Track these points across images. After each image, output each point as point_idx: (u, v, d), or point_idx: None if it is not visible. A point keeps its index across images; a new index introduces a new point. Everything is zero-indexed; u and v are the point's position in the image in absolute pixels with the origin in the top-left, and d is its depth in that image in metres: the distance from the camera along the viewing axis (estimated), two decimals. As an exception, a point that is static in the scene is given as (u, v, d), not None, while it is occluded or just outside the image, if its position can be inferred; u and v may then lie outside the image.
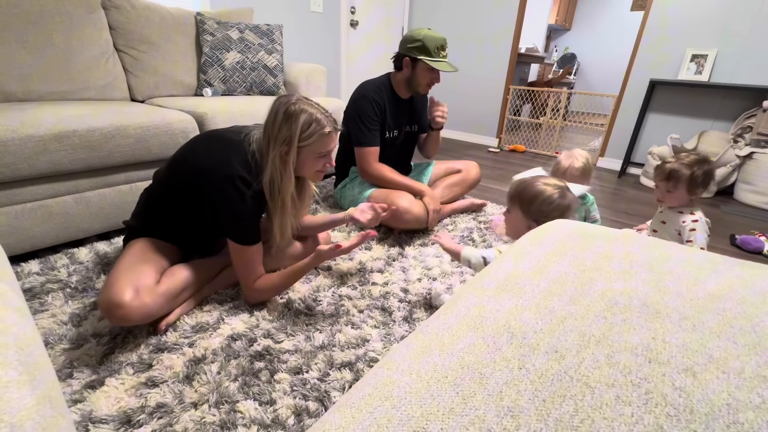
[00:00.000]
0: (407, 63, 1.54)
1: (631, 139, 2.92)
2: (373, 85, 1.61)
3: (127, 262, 0.94)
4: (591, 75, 6.57)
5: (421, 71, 1.53)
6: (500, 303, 0.46)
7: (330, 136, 1.01)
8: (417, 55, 1.50)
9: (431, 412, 0.32)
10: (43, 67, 1.46)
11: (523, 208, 0.99)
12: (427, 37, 1.48)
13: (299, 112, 0.96)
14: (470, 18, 3.56)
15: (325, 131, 0.99)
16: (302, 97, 1.00)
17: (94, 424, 0.71)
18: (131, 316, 0.85)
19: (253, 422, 0.73)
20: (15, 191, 1.13)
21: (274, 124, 0.96)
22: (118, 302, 0.83)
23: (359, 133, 1.56)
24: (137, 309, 0.85)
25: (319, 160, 1.04)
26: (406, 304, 1.12)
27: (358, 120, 1.56)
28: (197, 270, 1.05)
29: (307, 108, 0.97)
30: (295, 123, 0.95)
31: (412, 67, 1.54)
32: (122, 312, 0.84)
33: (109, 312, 0.84)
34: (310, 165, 1.03)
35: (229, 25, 1.97)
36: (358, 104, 1.57)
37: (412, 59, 1.52)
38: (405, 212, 1.47)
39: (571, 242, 0.59)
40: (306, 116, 0.96)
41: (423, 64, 1.51)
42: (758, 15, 2.40)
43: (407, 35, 1.53)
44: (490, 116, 3.71)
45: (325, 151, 1.03)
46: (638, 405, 0.30)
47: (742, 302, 0.41)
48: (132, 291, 0.86)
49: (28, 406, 0.31)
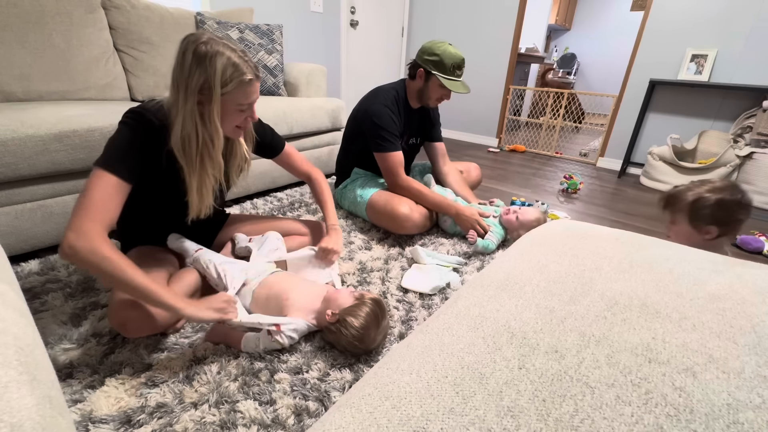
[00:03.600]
0: (421, 74, 1.52)
1: (631, 139, 2.92)
2: (390, 92, 1.58)
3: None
4: (591, 75, 6.56)
5: (434, 86, 1.51)
6: (500, 303, 0.46)
7: (251, 85, 0.86)
8: (432, 69, 1.48)
9: (431, 411, 0.32)
10: (43, 67, 1.46)
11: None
12: (446, 53, 1.46)
13: (213, 54, 0.80)
14: (470, 18, 3.56)
15: (245, 78, 0.84)
16: (214, 36, 0.83)
17: (94, 424, 0.71)
18: (143, 330, 0.85)
19: (253, 422, 0.73)
20: (15, 191, 1.13)
21: (182, 68, 0.80)
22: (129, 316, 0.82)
23: (381, 141, 1.51)
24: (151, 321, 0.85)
25: (238, 114, 0.89)
26: (405, 303, 1.12)
27: (374, 127, 1.51)
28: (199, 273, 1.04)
29: (223, 50, 0.81)
30: (210, 66, 0.80)
31: (426, 79, 1.52)
32: (134, 325, 0.83)
33: (124, 327, 0.83)
34: (229, 120, 0.88)
35: (229, 25, 1.97)
36: (375, 112, 1.51)
37: (427, 72, 1.50)
38: (405, 220, 1.46)
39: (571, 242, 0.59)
40: (223, 60, 0.81)
41: (436, 80, 1.49)
42: (758, 15, 2.40)
43: (427, 46, 1.50)
44: (490, 116, 3.71)
45: (246, 102, 0.88)
46: (638, 405, 0.30)
47: (742, 302, 0.41)
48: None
49: (28, 406, 0.31)
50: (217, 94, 0.82)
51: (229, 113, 0.87)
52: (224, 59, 0.81)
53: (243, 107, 0.88)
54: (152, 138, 0.85)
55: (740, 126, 2.55)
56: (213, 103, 0.83)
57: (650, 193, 2.54)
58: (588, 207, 2.19)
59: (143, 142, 0.84)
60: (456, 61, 1.47)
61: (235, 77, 0.83)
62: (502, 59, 3.49)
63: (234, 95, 0.85)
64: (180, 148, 0.85)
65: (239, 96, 0.86)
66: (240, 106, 0.88)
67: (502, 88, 3.56)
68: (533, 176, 2.75)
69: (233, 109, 0.87)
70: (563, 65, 6.22)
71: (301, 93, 2.22)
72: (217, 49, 0.80)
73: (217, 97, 0.82)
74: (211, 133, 0.86)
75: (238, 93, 0.85)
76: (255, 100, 0.90)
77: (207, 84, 0.81)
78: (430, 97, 1.55)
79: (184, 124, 0.83)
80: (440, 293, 1.18)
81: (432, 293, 1.16)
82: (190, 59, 0.80)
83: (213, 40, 0.81)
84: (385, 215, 1.50)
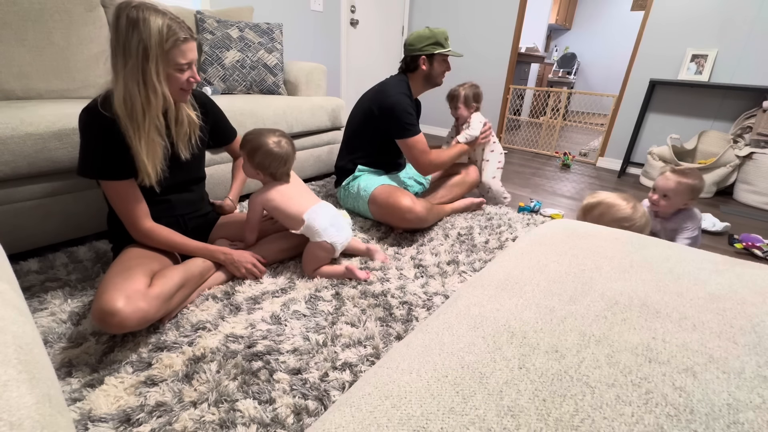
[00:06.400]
0: (423, 60, 1.64)
1: (631, 139, 2.92)
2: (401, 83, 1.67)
3: (116, 270, 0.92)
4: (591, 75, 6.56)
5: (438, 63, 1.65)
6: (500, 302, 0.46)
7: (187, 44, 0.90)
8: (434, 50, 1.61)
9: (431, 411, 0.32)
10: (42, 65, 1.45)
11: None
12: (436, 32, 1.61)
13: (146, 17, 0.85)
14: (470, 17, 3.56)
15: (179, 37, 0.88)
16: (144, 2, 0.87)
17: (93, 422, 0.71)
18: (127, 322, 0.83)
19: (252, 421, 0.73)
20: (14, 189, 1.13)
21: (118, 35, 0.85)
22: (110, 310, 0.81)
23: (409, 126, 1.60)
24: (132, 314, 0.84)
25: (179, 75, 0.92)
26: (405, 303, 1.12)
27: (401, 115, 1.59)
28: (190, 269, 1.05)
29: (155, 14, 0.86)
30: (145, 29, 0.84)
31: (430, 62, 1.64)
32: (117, 319, 0.82)
33: (104, 321, 0.82)
34: (171, 82, 0.92)
35: (229, 24, 1.96)
36: (399, 101, 1.59)
37: (428, 56, 1.63)
38: (407, 211, 1.47)
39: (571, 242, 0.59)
40: (157, 22, 0.85)
41: (440, 57, 1.63)
42: (758, 15, 2.40)
43: (416, 36, 1.63)
44: (490, 116, 3.71)
45: (185, 62, 0.92)
46: (638, 405, 0.30)
47: (742, 302, 0.41)
48: (123, 297, 0.84)
49: (27, 405, 0.31)
50: (153, 55, 0.86)
51: (169, 74, 0.91)
52: (158, 21, 0.86)
53: (182, 67, 0.92)
54: (108, 131, 0.91)
55: (740, 126, 2.55)
56: (150, 62, 0.87)
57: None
58: (588, 207, 2.19)
59: (105, 138, 0.91)
60: (445, 35, 1.64)
61: (170, 37, 0.87)
62: (502, 59, 3.49)
63: (170, 55, 0.89)
64: (123, 110, 0.89)
65: (176, 55, 0.90)
66: (178, 66, 0.91)
67: (502, 88, 3.56)
68: (533, 176, 2.75)
69: (172, 70, 0.91)
70: (563, 65, 6.22)
71: (300, 92, 2.22)
72: (148, 13, 0.85)
73: (154, 57, 0.87)
74: (149, 93, 0.89)
75: (174, 53, 0.89)
76: (192, 59, 0.94)
77: (143, 45, 0.85)
78: (438, 75, 1.68)
79: (126, 86, 0.87)
80: (440, 294, 1.18)
81: None
82: (125, 24, 0.85)
83: (143, 5, 0.86)
84: (387, 208, 1.51)
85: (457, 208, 1.82)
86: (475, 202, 1.89)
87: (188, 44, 0.91)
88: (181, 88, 0.96)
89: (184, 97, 1.00)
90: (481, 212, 1.86)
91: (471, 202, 1.88)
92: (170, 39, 0.87)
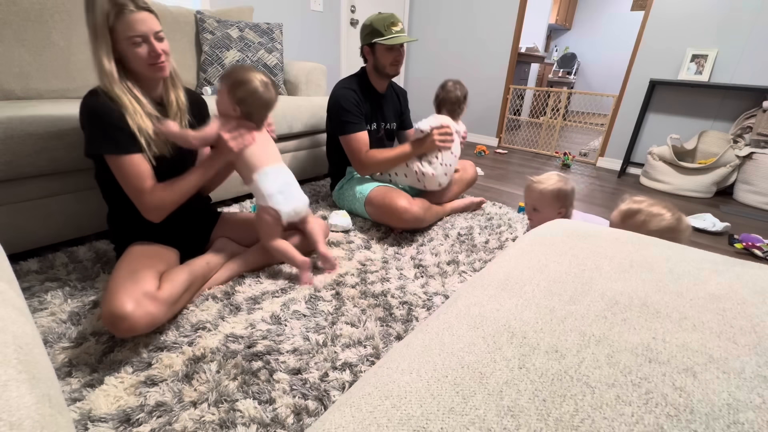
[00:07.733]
0: (367, 51, 1.59)
1: (631, 139, 2.92)
2: (344, 79, 1.64)
3: (123, 272, 0.92)
4: (591, 75, 6.56)
5: (381, 53, 1.56)
6: (500, 302, 0.46)
7: (135, 15, 0.89)
8: (371, 40, 1.54)
9: (431, 411, 0.32)
10: (42, 65, 1.45)
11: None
12: (375, 20, 1.53)
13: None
14: (470, 17, 3.56)
15: (125, 9, 0.88)
16: None
17: (93, 422, 0.71)
18: (137, 327, 0.84)
19: (252, 421, 0.73)
20: (14, 189, 1.13)
21: (86, 18, 0.89)
22: (120, 314, 0.82)
23: (342, 123, 1.55)
24: (141, 318, 0.84)
25: (137, 50, 0.91)
26: (405, 303, 1.12)
27: (338, 111, 1.55)
28: (194, 271, 1.05)
29: None
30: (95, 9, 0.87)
31: (372, 53, 1.58)
32: (127, 324, 0.82)
33: (114, 325, 0.82)
34: (130, 57, 0.92)
35: (229, 24, 1.96)
36: (336, 96, 1.56)
37: (370, 45, 1.56)
38: (404, 212, 1.47)
39: (571, 242, 0.59)
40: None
41: (380, 46, 1.54)
42: (758, 15, 2.40)
43: (360, 29, 1.58)
44: (490, 116, 3.71)
45: (138, 33, 0.90)
46: (638, 405, 0.30)
47: (742, 302, 0.41)
48: (133, 301, 0.84)
49: (27, 405, 0.31)
50: (101, 34, 0.88)
51: (125, 49, 0.91)
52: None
53: (135, 39, 0.90)
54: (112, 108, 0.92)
55: (740, 126, 2.55)
56: (99, 40, 0.89)
57: (650, 194, 2.54)
58: (588, 207, 2.19)
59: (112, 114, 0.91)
60: (387, 21, 1.52)
61: (112, 10, 0.87)
62: (502, 59, 3.49)
63: (120, 29, 0.89)
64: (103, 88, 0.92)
65: (124, 28, 0.89)
66: (130, 39, 0.90)
67: (502, 88, 3.56)
68: (533, 176, 2.75)
69: (127, 44, 0.90)
70: (563, 65, 6.22)
71: (300, 92, 2.22)
72: None
73: (102, 35, 0.88)
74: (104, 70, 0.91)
75: (122, 26, 0.88)
76: (145, 31, 0.91)
77: (92, 25, 0.88)
78: (385, 65, 1.58)
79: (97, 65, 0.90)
80: (441, 295, 1.18)
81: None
82: (85, 8, 0.88)
83: None
84: (384, 209, 1.51)
85: (456, 208, 1.82)
86: (475, 201, 1.89)
87: (136, 15, 0.89)
88: (150, 64, 0.93)
89: (157, 72, 0.96)
90: (481, 212, 1.86)
91: (471, 201, 1.88)
92: (113, 12, 0.87)
